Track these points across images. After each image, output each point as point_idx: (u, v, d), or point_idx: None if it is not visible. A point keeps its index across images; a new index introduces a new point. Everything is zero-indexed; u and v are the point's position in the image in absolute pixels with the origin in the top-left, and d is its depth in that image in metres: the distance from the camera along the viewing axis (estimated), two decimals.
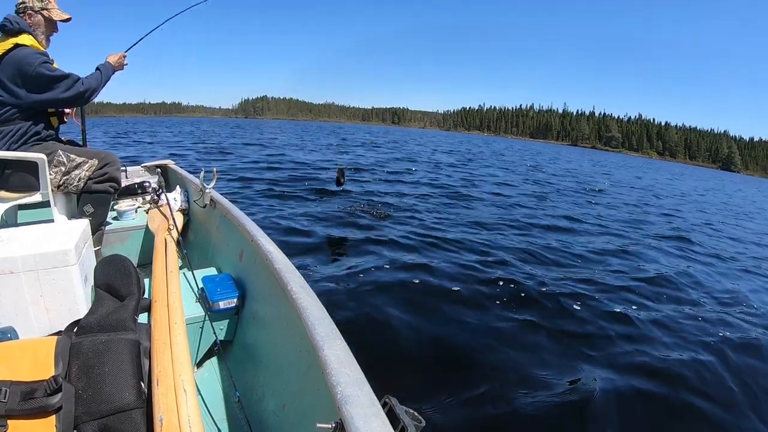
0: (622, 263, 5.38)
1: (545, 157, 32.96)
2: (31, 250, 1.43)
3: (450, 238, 5.47)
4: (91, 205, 2.46)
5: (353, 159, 15.59)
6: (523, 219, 7.47)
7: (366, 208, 6.90)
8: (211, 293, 1.72)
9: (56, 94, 2.31)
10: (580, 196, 12.15)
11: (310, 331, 1.11)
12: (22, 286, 1.43)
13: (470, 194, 9.63)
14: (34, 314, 1.47)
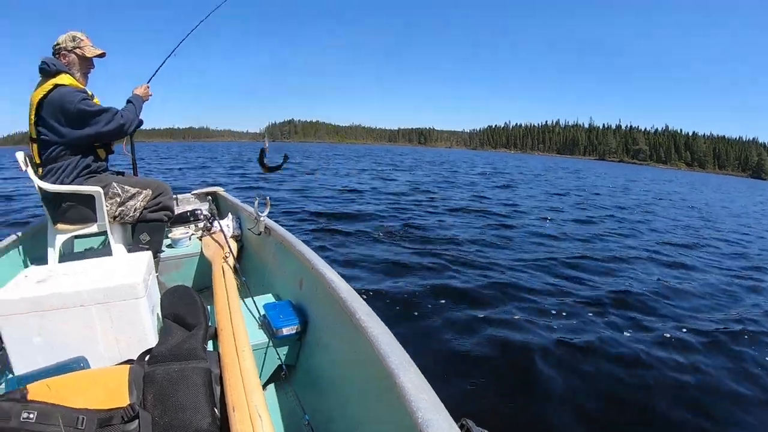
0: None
1: (587, 177, 30.84)
2: (100, 283, 1.45)
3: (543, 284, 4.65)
4: (147, 233, 2.50)
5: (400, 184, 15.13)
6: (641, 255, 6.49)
7: (425, 245, 6.12)
8: (274, 320, 1.73)
9: (98, 129, 2.36)
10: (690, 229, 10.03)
11: (383, 358, 1.13)
12: (92, 318, 1.45)
13: (545, 231, 8.09)
14: (104, 344, 1.48)
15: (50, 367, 1.45)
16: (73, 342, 1.46)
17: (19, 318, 1.43)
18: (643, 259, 6.32)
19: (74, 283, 1.47)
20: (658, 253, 6.79)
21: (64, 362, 1.45)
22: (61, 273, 1.59)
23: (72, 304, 1.42)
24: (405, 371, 1.06)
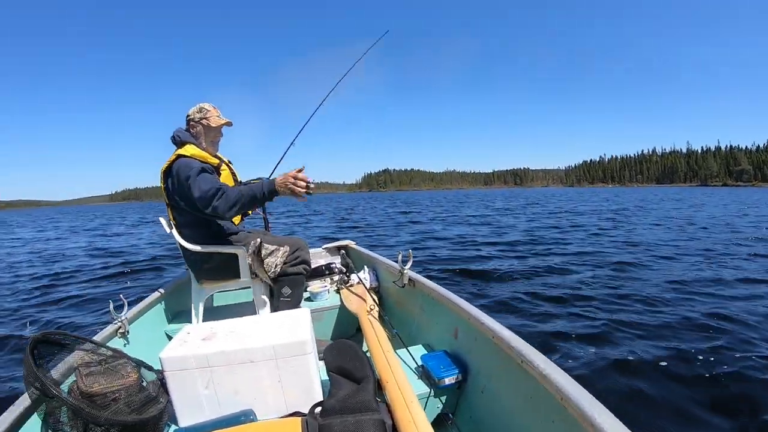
0: None
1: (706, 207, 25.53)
2: (269, 341, 1.51)
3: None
4: (289, 287, 2.55)
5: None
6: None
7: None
8: (434, 370, 1.74)
9: (199, 200, 2.28)
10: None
11: (572, 403, 1.11)
12: (261, 373, 1.50)
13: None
14: (272, 398, 1.52)
15: (218, 419, 1.52)
16: (240, 395, 1.52)
17: (187, 373, 1.50)
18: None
19: (241, 340, 1.55)
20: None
21: (233, 414, 1.52)
22: (225, 331, 1.67)
23: (241, 360, 1.49)
24: (602, 418, 1.02)
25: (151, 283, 7.19)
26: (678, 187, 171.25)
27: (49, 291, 7.08)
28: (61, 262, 10.34)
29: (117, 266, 9.06)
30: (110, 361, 1.58)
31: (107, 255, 11.18)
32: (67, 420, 1.40)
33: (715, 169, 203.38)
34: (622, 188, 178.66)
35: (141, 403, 1.48)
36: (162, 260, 9.59)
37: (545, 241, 10.30)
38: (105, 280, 7.79)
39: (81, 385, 1.43)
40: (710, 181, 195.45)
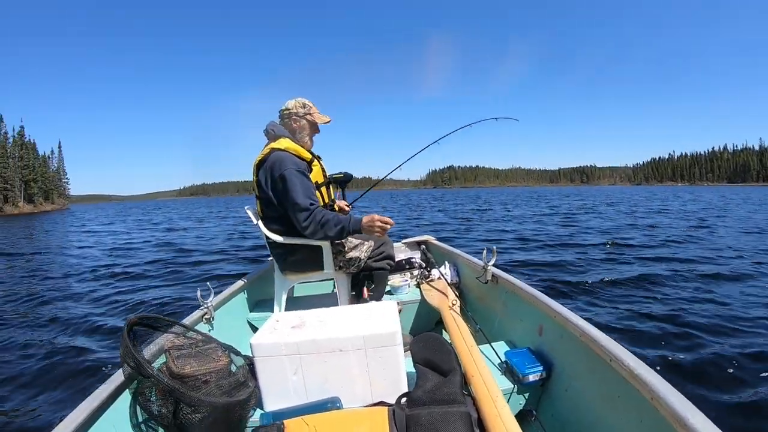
0: None
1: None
2: (359, 331, 1.54)
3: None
4: (372, 281, 2.62)
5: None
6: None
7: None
8: (519, 366, 1.74)
9: (287, 208, 2.39)
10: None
11: (665, 405, 1.10)
12: (350, 362, 1.54)
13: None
14: (359, 387, 1.56)
15: (304, 405, 1.57)
16: (328, 383, 1.56)
17: (276, 360, 1.56)
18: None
19: (330, 330, 1.59)
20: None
21: (320, 401, 1.55)
22: (314, 320, 1.72)
23: (330, 349, 1.53)
24: (693, 415, 1.02)
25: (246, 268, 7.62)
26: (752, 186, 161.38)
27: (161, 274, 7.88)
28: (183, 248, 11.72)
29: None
30: (201, 344, 1.66)
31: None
32: (156, 399, 1.47)
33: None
34: (692, 187, 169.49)
35: (231, 386, 1.54)
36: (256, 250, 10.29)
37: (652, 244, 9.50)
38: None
39: (172, 366, 1.50)
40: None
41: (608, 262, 7.35)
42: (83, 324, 4.82)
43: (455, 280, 3.05)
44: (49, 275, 8.38)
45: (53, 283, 7.51)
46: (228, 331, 2.35)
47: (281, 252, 2.56)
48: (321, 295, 3.42)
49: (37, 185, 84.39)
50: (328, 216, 2.37)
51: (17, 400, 3.11)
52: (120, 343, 1.52)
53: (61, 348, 4.05)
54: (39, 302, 6.14)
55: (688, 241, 9.88)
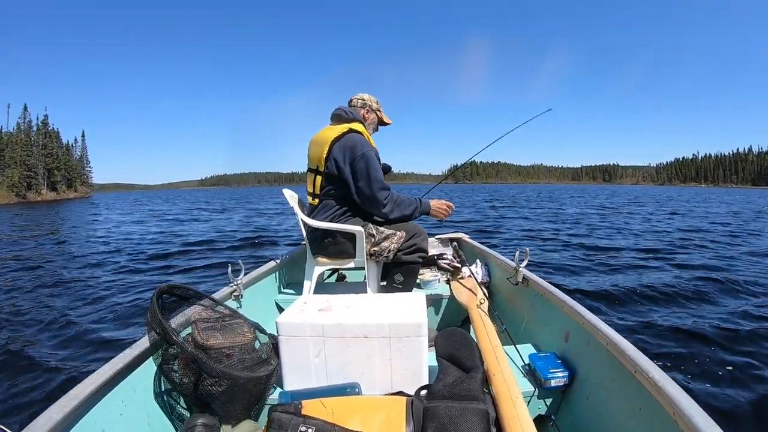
0: None
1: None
2: (386, 319, 1.54)
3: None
4: (402, 274, 2.60)
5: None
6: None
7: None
8: (542, 370, 1.73)
9: (364, 186, 2.45)
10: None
11: (686, 420, 1.08)
12: (373, 349, 1.54)
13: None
14: (380, 375, 1.56)
15: (324, 387, 1.58)
16: (350, 368, 1.57)
17: (300, 340, 1.57)
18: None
19: (357, 315, 1.60)
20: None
21: (340, 385, 1.57)
22: (341, 304, 1.74)
23: (355, 335, 1.54)
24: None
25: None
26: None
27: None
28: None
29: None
30: (227, 319, 1.69)
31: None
32: (178, 368, 1.51)
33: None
34: (716, 188, 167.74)
35: (253, 362, 1.57)
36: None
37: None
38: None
39: (197, 337, 1.52)
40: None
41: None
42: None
43: (485, 279, 3.05)
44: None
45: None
46: (255, 310, 2.39)
47: (316, 236, 2.59)
48: (351, 284, 3.45)
49: (60, 173, 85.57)
50: (402, 196, 2.55)
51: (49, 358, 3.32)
52: (149, 309, 1.56)
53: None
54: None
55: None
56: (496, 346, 1.81)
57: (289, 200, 2.74)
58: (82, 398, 1.22)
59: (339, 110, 2.65)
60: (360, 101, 2.71)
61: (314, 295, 1.91)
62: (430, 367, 1.61)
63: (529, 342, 2.18)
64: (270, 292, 2.85)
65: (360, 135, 2.51)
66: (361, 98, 2.71)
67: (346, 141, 2.46)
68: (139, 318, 4.39)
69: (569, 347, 1.87)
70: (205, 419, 1.37)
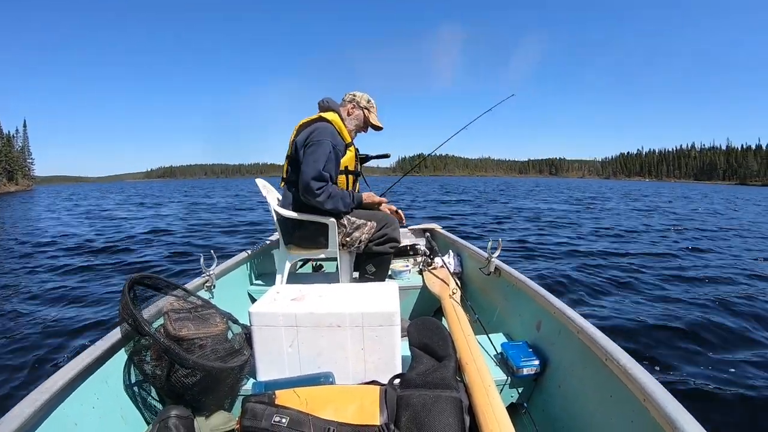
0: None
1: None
2: (358, 308, 1.55)
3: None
4: (374, 265, 2.61)
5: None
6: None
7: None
8: (514, 359, 1.74)
9: (303, 172, 2.39)
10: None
11: (657, 407, 1.09)
12: (346, 338, 1.55)
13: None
14: (353, 364, 1.57)
15: (297, 377, 1.59)
16: (323, 358, 1.58)
17: (273, 330, 1.57)
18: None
19: (330, 304, 1.61)
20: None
21: (313, 375, 1.58)
22: (314, 294, 1.74)
23: (328, 324, 1.54)
24: (684, 419, 1.02)
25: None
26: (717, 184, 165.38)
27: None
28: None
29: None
30: (200, 309, 1.68)
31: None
32: (150, 359, 1.50)
33: (755, 168, 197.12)
34: (660, 183, 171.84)
35: (226, 352, 1.57)
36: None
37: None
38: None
39: (170, 328, 1.51)
40: (749, 180, 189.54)
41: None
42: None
43: (458, 269, 3.07)
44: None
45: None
46: (228, 300, 2.37)
47: (288, 226, 2.58)
48: (324, 274, 3.45)
49: (1, 165, 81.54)
50: (337, 189, 2.47)
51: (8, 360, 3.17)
52: (120, 300, 1.54)
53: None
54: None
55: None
56: (469, 335, 1.83)
57: (262, 190, 2.73)
58: (53, 391, 1.20)
59: (321, 100, 2.66)
60: (350, 96, 2.70)
61: (287, 285, 1.91)
62: (403, 357, 1.63)
63: (502, 331, 2.20)
64: (243, 283, 2.85)
65: (327, 124, 2.49)
66: (352, 94, 2.70)
67: (311, 127, 2.46)
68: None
69: (541, 336, 1.90)
70: (178, 410, 1.37)
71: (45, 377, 1.28)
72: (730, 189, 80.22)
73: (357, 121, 2.67)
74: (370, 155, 2.93)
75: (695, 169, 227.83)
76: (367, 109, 2.67)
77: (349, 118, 2.65)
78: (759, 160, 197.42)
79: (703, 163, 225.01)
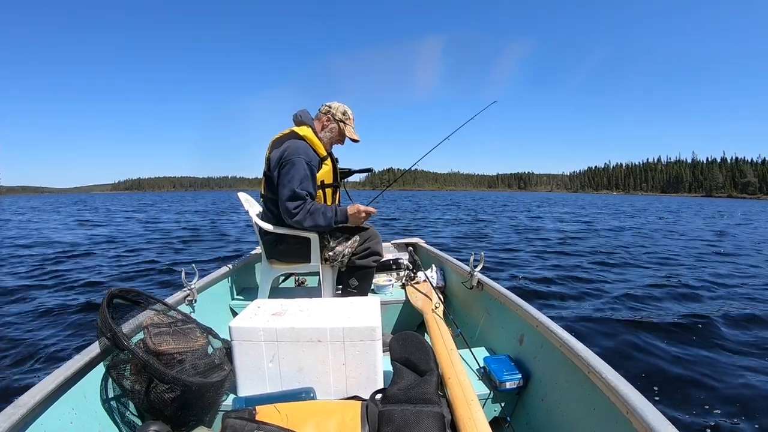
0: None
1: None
2: (340, 323, 1.55)
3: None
4: (356, 279, 2.59)
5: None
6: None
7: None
8: (497, 373, 1.75)
9: (280, 195, 2.40)
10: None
11: (639, 419, 1.11)
12: (327, 354, 1.55)
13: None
14: (334, 379, 1.57)
15: (278, 392, 1.58)
16: (304, 373, 1.57)
17: (254, 345, 1.57)
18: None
19: (311, 319, 1.60)
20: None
21: (294, 390, 1.57)
22: (295, 309, 1.74)
23: (308, 339, 1.54)
24: (667, 431, 1.03)
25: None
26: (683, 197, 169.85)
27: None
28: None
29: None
30: (180, 324, 1.66)
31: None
32: (129, 374, 1.48)
33: (720, 180, 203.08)
34: (627, 196, 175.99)
35: (206, 367, 1.55)
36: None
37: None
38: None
39: (149, 342, 1.49)
40: (715, 193, 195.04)
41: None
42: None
43: (441, 283, 3.08)
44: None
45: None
46: (209, 314, 2.36)
47: (270, 240, 2.56)
48: (306, 288, 3.44)
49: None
50: (316, 205, 2.42)
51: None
52: (98, 314, 1.52)
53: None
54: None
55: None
56: (451, 350, 1.83)
57: (244, 203, 2.72)
58: (30, 406, 1.18)
59: (295, 114, 2.63)
60: (326, 108, 2.66)
61: (268, 300, 1.90)
62: (385, 372, 1.63)
63: (484, 345, 2.21)
64: (224, 297, 2.82)
65: (299, 140, 2.48)
66: (328, 105, 2.66)
67: (282, 145, 2.44)
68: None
69: (524, 350, 1.90)
70: (157, 426, 1.35)
71: (21, 392, 1.26)
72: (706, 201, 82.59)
73: (332, 134, 2.64)
74: (353, 169, 2.91)
75: (662, 182, 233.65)
76: (343, 122, 2.63)
77: (323, 131, 2.63)
78: (724, 172, 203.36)
79: (669, 176, 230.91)
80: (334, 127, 2.63)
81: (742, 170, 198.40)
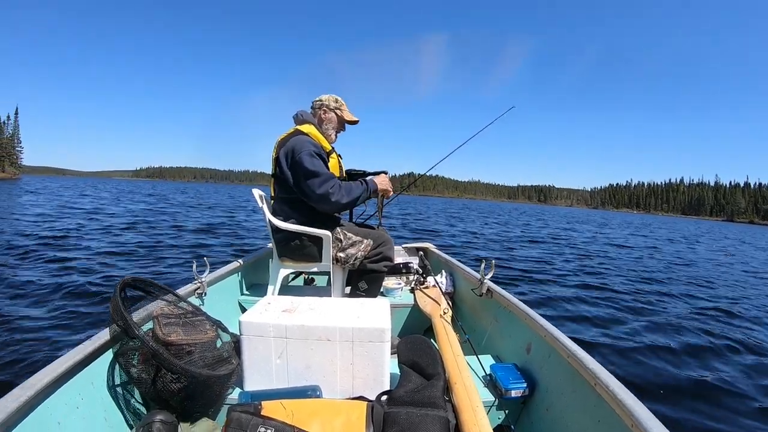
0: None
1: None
2: (350, 323, 1.55)
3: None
4: (366, 282, 2.61)
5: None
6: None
7: None
8: (503, 381, 1.74)
9: (305, 187, 2.41)
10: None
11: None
12: (335, 353, 1.55)
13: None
14: (341, 378, 1.57)
15: (284, 389, 1.58)
16: (311, 371, 1.57)
17: (263, 340, 1.57)
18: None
19: (321, 318, 1.60)
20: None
21: (300, 387, 1.57)
22: (305, 306, 1.74)
23: (318, 337, 1.54)
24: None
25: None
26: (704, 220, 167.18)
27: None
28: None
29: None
30: (190, 316, 1.67)
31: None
32: (137, 363, 1.49)
33: (743, 205, 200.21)
34: (648, 215, 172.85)
35: (214, 360, 1.56)
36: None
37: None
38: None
39: (159, 332, 1.50)
40: (737, 218, 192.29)
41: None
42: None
43: (450, 289, 3.07)
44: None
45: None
46: (218, 308, 2.36)
47: (282, 237, 2.57)
48: (315, 288, 3.45)
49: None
50: (346, 183, 2.50)
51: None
52: (111, 301, 1.53)
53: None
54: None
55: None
56: (458, 356, 1.82)
57: (258, 201, 2.73)
58: (38, 388, 1.19)
59: (296, 114, 2.68)
60: (318, 102, 2.71)
61: (278, 296, 1.90)
62: (392, 374, 1.62)
63: (491, 353, 2.20)
64: (233, 292, 2.84)
65: (304, 136, 2.50)
66: (318, 100, 2.72)
67: (288, 144, 2.46)
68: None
69: (531, 359, 1.89)
70: (163, 416, 1.36)
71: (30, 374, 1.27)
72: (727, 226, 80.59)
73: (332, 124, 2.69)
74: (368, 171, 2.92)
75: (683, 204, 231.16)
76: (339, 109, 2.69)
77: (324, 124, 2.67)
78: (746, 197, 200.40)
79: (691, 198, 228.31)
80: (332, 117, 2.68)
81: (765, 196, 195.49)
